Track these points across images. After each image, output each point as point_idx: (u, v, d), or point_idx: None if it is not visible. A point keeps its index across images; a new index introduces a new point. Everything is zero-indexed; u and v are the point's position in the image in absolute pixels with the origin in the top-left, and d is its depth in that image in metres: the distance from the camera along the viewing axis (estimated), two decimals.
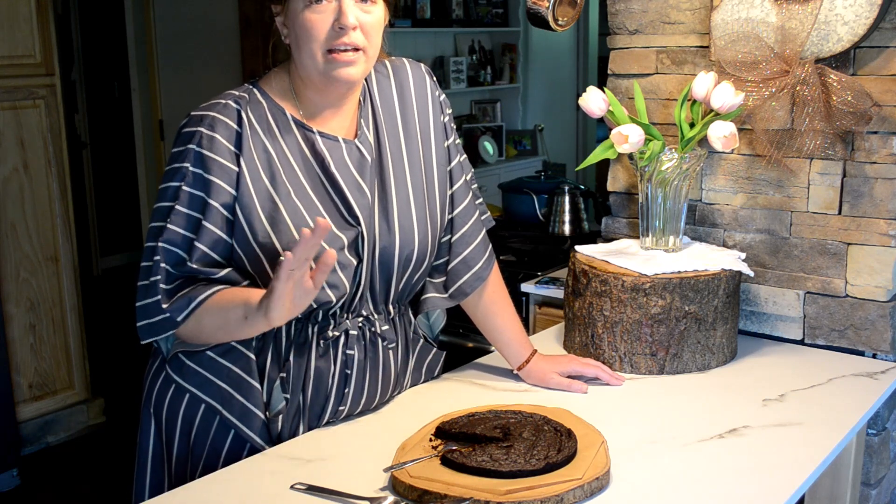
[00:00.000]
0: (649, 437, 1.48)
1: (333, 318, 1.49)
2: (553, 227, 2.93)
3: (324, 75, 1.43)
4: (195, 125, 1.42)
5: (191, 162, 1.40)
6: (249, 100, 1.46)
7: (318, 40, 1.40)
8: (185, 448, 1.51)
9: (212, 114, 1.43)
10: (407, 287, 1.58)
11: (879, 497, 1.90)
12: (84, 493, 3.26)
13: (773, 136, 1.87)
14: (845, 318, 1.86)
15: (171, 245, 1.40)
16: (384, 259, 1.51)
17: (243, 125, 1.43)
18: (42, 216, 3.47)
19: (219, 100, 1.45)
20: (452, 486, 1.24)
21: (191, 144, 1.41)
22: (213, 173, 1.40)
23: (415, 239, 1.53)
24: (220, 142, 1.41)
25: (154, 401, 1.53)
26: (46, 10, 3.40)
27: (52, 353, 3.56)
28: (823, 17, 1.76)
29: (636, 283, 1.74)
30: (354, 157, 1.50)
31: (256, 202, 1.42)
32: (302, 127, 1.48)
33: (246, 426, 1.46)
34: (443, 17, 5.67)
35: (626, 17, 2.09)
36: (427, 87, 1.61)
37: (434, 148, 1.60)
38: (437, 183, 1.60)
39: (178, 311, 1.39)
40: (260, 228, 1.41)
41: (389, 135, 1.55)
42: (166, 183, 1.43)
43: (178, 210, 1.40)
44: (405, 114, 1.57)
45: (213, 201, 1.40)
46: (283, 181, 1.44)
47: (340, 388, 1.51)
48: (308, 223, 1.43)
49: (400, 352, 1.60)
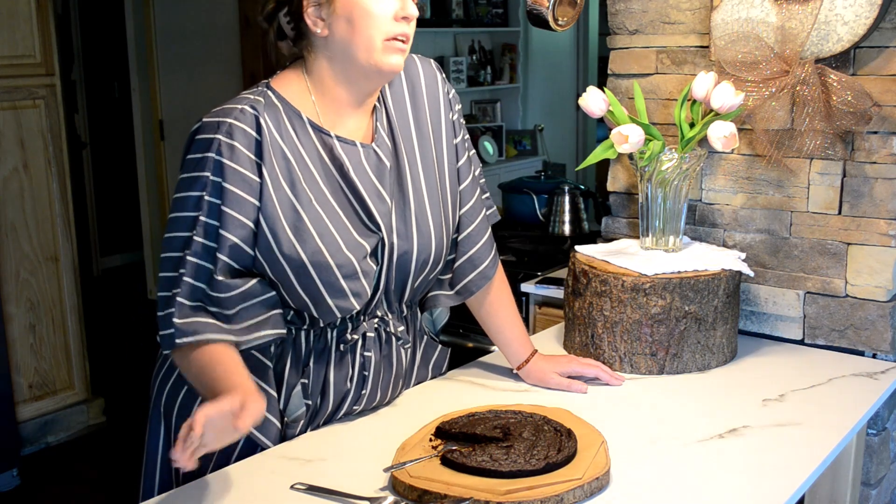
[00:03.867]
0: (649, 437, 1.48)
1: (352, 322, 1.49)
2: (553, 227, 2.93)
3: (377, 64, 1.40)
4: (212, 132, 1.37)
5: (211, 171, 1.36)
6: (265, 103, 1.42)
7: (379, 28, 1.38)
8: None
9: (229, 120, 1.38)
10: (421, 287, 1.58)
11: (879, 497, 1.90)
12: (84, 493, 3.25)
13: (773, 136, 1.87)
14: (845, 318, 1.86)
15: (197, 259, 1.36)
16: (402, 263, 1.50)
17: (262, 132, 1.39)
18: (42, 216, 3.47)
19: (234, 105, 1.40)
20: (452, 486, 1.24)
21: (209, 153, 1.36)
22: (234, 183, 1.36)
23: (432, 242, 1.53)
24: (241, 150, 1.37)
25: (164, 403, 1.52)
26: (46, 10, 3.40)
27: (52, 353, 3.55)
28: (823, 17, 1.76)
29: (636, 283, 1.74)
30: (372, 162, 1.48)
31: (280, 212, 1.39)
32: (319, 131, 1.44)
33: (261, 433, 1.44)
34: (443, 17, 5.67)
35: (626, 17, 2.09)
36: (438, 84, 1.59)
37: (445, 146, 1.58)
38: (448, 182, 1.58)
39: (182, 335, 1.35)
40: (284, 238, 1.39)
41: (404, 137, 1.53)
42: (185, 192, 1.38)
43: (203, 222, 1.36)
44: (417, 114, 1.55)
45: (235, 212, 1.36)
46: (304, 188, 1.41)
47: (358, 389, 1.52)
48: (330, 230, 1.41)
49: (411, 349, 1.61)
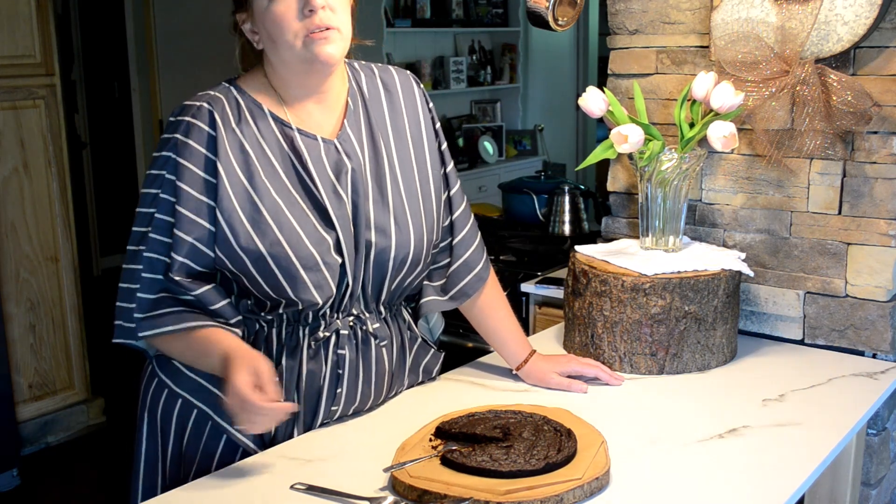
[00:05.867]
0: (649, 437, 1.48)
1: (324, 319, 1.49)
2: (553, 227, 2.93)
3: (305, 60, 1.42)
4: (172, 131, 1.43)
5: (168, 170, 1.42)
6: (225, 98, 1.46)
7: (291, 29, 1.39)
8: (179, 451, 1.51)
9: (187, 118, 1.43)
10: (399, 289, 1.57)
11: (879, 497, 1.90)
12: (84, 493, 3.26)
13: (773, 136, 1.87)
14: (845, 318, 1.86)
15: (153, 253, 1.42)
16: (379, 261, 1.50)
17: (217, 127, 1.42)
18: (42, 216, 3.47)
19: (193, 101, 1.45)
20: (452, 486, 1.24)
21: (166, 151, 1.42)
22: (189, 183, 1.41)
23: (411, 241, 1.53)
24: (196, 148, 1.41)
25: (149, 404, 1.54)
26: (46, 10, 3.40)
27: (52, 353, 3.55)
28: (823, 17, 1.76)
29: (636, 283, 1.74)
30: (332, 158, 1.48)
31: (237, 206, 1.41)
32: (280, 123, 1.47)
33: (238, 431, 1.45)
34: (443, 17, 5.67)
35: (626, 17, 2.09)
36: (415, 92, 1.62)
37: (427, 151, 1.60)
38: (432, 185, 1.59)
39: (143, 329, 1.43)
40: (242, 231, 1.41)
41: (382, 137, 1.54)
42: (146, 189, 1.44)
43: (158, 218, 1.42)
44: (395, 117, 1.57)
45: (189, 213, 1.40)
46: (263, 180, 1.43)
47: (332, 388, 1.51)
48: (290, 221, 1.42)
49: (395, 351, 1.59)
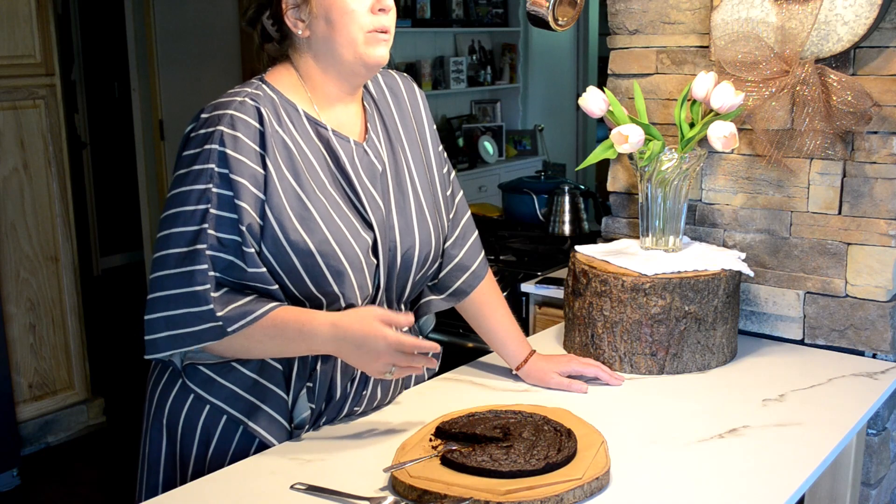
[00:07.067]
0: (649, 437, 1.48)
1: None
2: (553, 227, 2.93)
3: (361, 58, 1.41)
4: (213, 125, 1.36)
5: (216, 163, 1.34)
6: (262, 96, 1.42)
7: (358, 22, 1.39)
8: (203, 458, 1.47)
9: (230, 112, 1.37)
10: (418, 286, 1.59)
11: (879, 497, 1.90)
12: (84, 494, 3.26)
13: (773, 136, 1.87)
14: (845, 318, 1.86)
15: (217, 252, 1.35)
16: (405, 261, 1.51)
17: (265, 122, 1.38)
18: (42, 216, 3.47)
19: (232, 97, 1.40)
20: (452, 486, 1.24)
21: (212, 144, 1.35)
22: (240, 174, 1.35)
23: (431, 239, 1.55)
24: (244, 141, 1.36)
25: (168, 412, 1.48)
26: (46, 10, 3.40)
27: (52, 353, 3.55)
28: (823, 17, 1.76)
29: (636, 283, 1.74)
30: (364, 162, 1.49)
31: (285, 202, 1.38)
32: (315, 123, 1.45)
33: (272, 436, 1.44)
34: (443, 17, 5.67)
35: (626, 17, 2.09)
36: (417, 96, 1.64)
37: (432, 152, 1.63)
38: (438, 184, 1.62)
39: (232, 322, 1.34)
40: (291, 227, 1.38)
41: (396, 138, 1.56)
42: (188, 186, 1.36)
43: (214, 214, 1.34)
44: (403, 119, 1.59)
45: (243, 203, 1.35)
46: (307, 178, 1.41)
47: (360, 390, 1.52)
48: (335, 220, 1.42)
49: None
